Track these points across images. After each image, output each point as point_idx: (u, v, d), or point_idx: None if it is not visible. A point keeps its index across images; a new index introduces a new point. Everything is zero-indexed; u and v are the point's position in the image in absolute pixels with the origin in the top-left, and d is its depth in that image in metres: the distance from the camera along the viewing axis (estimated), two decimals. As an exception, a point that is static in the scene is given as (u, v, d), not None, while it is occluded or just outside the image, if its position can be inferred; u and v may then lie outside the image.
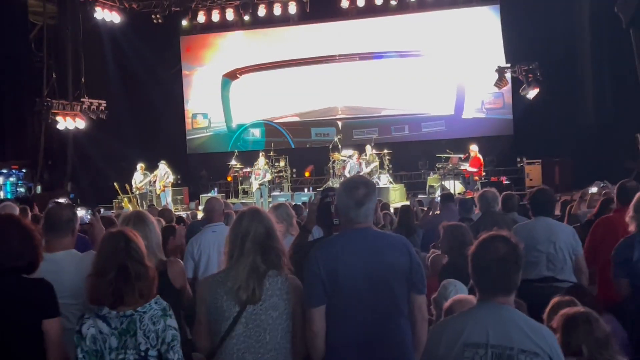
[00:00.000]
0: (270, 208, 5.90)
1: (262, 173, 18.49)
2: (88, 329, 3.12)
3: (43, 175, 20.08)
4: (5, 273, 3.34)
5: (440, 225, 5.73)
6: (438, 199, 11.01)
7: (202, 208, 13.37)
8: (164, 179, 18.62)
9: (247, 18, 21.73)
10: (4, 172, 18.98)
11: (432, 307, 4.47)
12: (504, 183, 16.70)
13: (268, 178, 18.58)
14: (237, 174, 20.33)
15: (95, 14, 20.34)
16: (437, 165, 18.13)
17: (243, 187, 20.17)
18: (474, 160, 17.43)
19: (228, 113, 23.23)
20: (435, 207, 9.98)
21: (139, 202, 18.34)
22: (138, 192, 18.59)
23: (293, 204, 9.71)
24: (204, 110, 23.53)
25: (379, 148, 19.55)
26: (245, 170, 19.78)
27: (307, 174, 21.85)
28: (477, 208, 8.28)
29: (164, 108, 22.39)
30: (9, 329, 3.29)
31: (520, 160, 18.94)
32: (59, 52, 20.06)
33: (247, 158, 20.19)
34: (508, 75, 18.00)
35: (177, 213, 14.56)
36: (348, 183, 3.57)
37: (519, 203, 7.83)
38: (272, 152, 20.36)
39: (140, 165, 18.75)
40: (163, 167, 18.72)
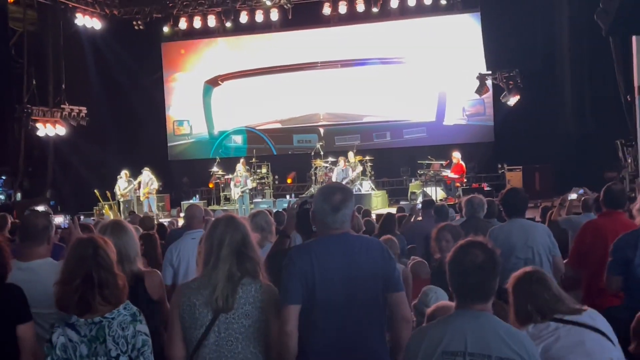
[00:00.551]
0: (249, 216, 5.87)
1: (242, 180, 18.45)
2: (57, 338, 3.10)
3: (23, 182, 19.87)
4: None
5: (436, 230, 5.71)
6: (419, 206, 11.04)
7: (183, 215, 13.31)
8: (148, 186, 18.54)
9: (228, 25, 21.70)
10: (-16, 179, 18.80)
11: (412, 313, 4.47)
12: (485, 189, 16.74)
13: (250, 185, 18.53)
14: (218, 181, 20.29)
15: (76, 20, 20.25)
16: (418, 172, 18.21)
17: (225, 194, 20.10)
18: (457, 167, 17.50)
19: (210, 120, 23.19)
20: (417, 213, 10.01)
21: (121, 209, 18.23)
22: (122, 199, 18.46)
23: (275, 211, 9.69)
24: (186, 117, 23.46)
25: (361, 154, 19.57)
26: (227, 177, 19.72)
27: (289, 181, 21.84)
28: (458, 214, 8.33)
29: (145, 114, 22.27)
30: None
31: (501, 167, 19.02)
32: (40, 58, 19.90)
33: (229, 165, 20.13)
34: (489, 82, 18.13)
35: (162, 220, 14.55)
36: (325, 189, 3.60)
37: (499, 209, 7.85)
38: (254, 158, 20.33)
39: (125, 172, 18.64)
40: (147, 173, 18.64)
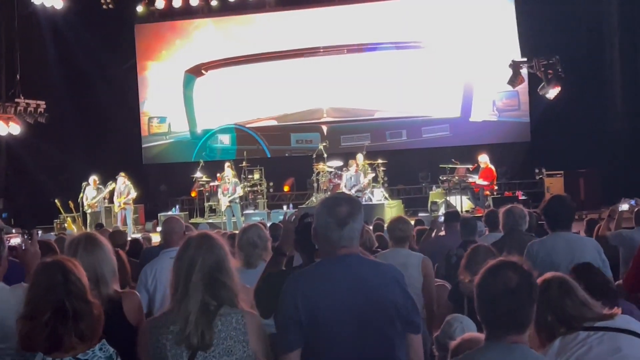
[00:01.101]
0: (239, 231, 5.87)
1: (230, 187, 18.44)
2: None
3: (-32, 191, 19.95)
4: None
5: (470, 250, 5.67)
6: (442, 218, 11.01)
7: (159, 229, 13.30)
8: (125, 195, 18.54)
9: (214, 3, 21.77)
10: None
11: (434, 347, 4.46)
12: (520, 198, 16.74)
13: (239, 193, 18.53)
14: (202, 189, 20.30)
15: (33, -1, 20.30)
16: (440, 178, 18.20)
17: (210, 204, 20.11)
18: (485, 172, 17.48)
19: (192, 116, 23.23)
20: (439, 227, 9.98)
21: (88, 222, 18.22)
22: (89, 210, 18.46)
23: (270, 224, 9.68)
24: (163, 113, 23.52)
25: (372, 157, 19.55)
26: (213, 185, 19.73)
27: (286, 189, 21.85)
28: (487, 229, 8.31)
29: (115, 110, 22.31)
30: None
31: (539, 172, 19.00)
32: (-12, 43, 19.99)
33: (214, 169, 20.12)
34: (524, 72, 18.10)
35: (134, 235, 14.51)
36: (328, 200, 3.59)
37: (538, 222, 7.84)
38: (244, 162, 20.32)
39: (93, 179, 18.64)
40: (122, 180, 18.65)
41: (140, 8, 22.30)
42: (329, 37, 22.06)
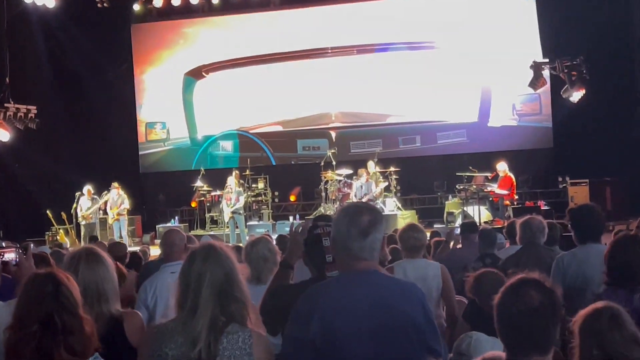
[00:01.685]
0: (246, 245, 5.88)
1: (234, 197, 18.43)
2: None
3: (-44, 202, 20.02)
4: None
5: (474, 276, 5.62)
6: (458, 230, 11.02)
7: (158, 242, 13.33)
8: (118, 206, 18.58)
9: (215, 1, 21.83)
10: None
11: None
12: (542, 209, 16.72)
13: (242, 203, 18.51)
14: (203, 199, 20.31)
15: (24, -3, 20.38)
16: (457, 187, 18.21)
17: (211, 215, 20.14)
18: (504, 181, 17.46)
19: (192, 121, 23.27)
20: (456, 239, 9.98)
21: (82, 234, 18.26)
22: (84, 221, 18.50)
23: (277, 236, 9.71)
24: (162, 119, 23.56)
25: (384, 165, 19.60)
26: (214, 194, 19.75)
27: (292, 198, 21.86)
28: (508, 241, 8.32)
29: (111, 116, 22.35)
30: None
31: (562, 180, 19.00)
32: (-24, 45, 20.06)
33: (216, 178, 20.16)
34: (546, 73, 18.09)
35: (131, 249, 14.54)
36: (349, 208, 3.55)
37: (562, 234, 7.84)
38: (247, 170, 20.35)
39: (87, 189, 18.65)
40: (116, 191, 18.68)
41: (137, 6, 22.36)
42: (338, 36, 22.10)
